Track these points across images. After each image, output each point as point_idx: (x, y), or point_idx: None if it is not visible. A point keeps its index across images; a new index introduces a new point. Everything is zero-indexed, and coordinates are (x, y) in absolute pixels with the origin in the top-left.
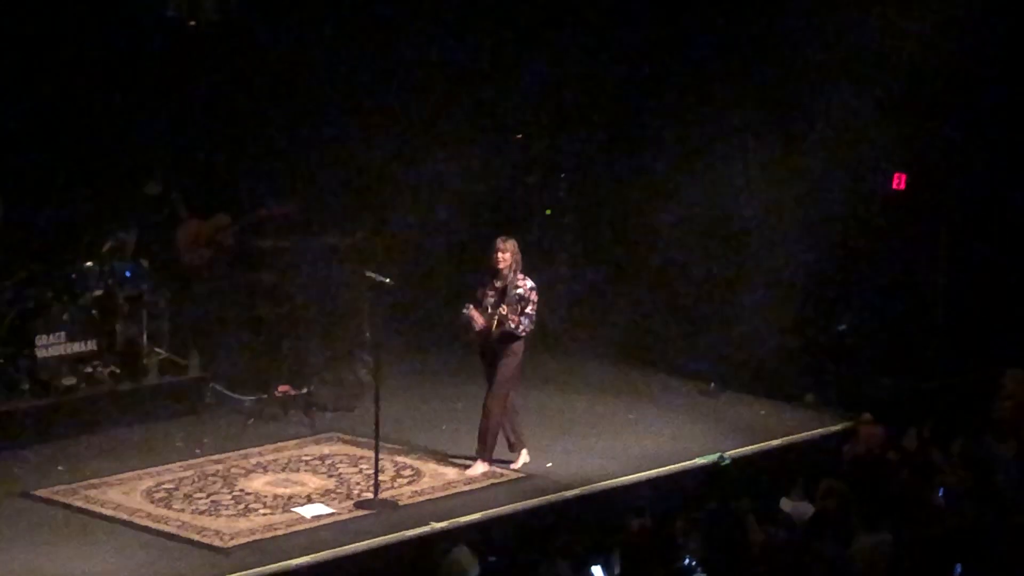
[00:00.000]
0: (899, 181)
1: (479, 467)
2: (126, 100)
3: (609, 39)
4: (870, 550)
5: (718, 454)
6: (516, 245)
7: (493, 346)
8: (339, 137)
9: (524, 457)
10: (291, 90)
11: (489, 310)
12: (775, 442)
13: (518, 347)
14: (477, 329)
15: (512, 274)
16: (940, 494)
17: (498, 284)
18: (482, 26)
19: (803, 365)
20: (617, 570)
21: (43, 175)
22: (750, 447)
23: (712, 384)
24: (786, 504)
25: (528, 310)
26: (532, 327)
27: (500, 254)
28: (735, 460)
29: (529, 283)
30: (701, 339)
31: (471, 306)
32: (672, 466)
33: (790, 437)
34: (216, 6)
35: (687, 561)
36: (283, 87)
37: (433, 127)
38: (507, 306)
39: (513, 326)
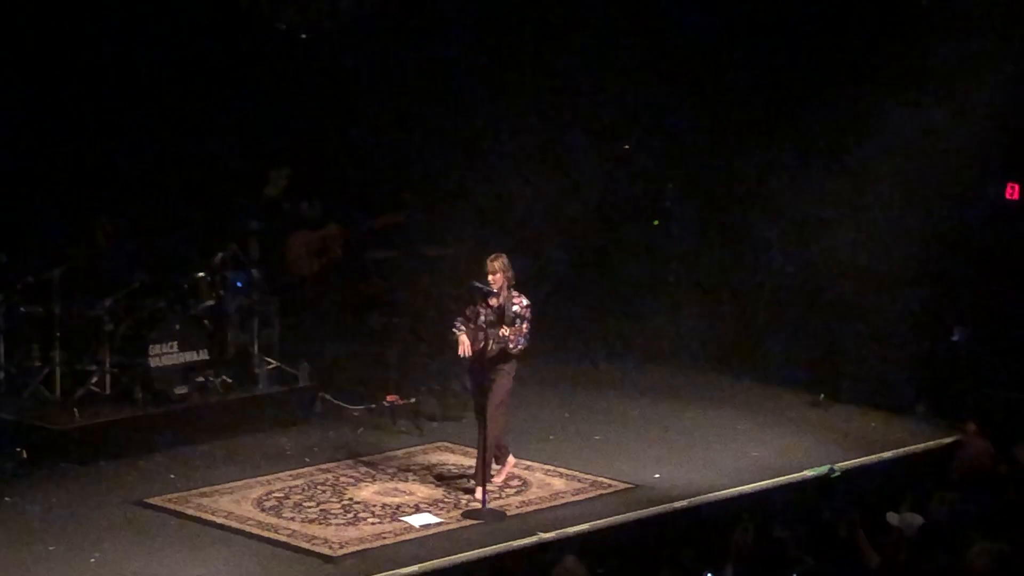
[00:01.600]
0: (1012, 191)
1: (503, 472)
2: (239, 113)
3: (713, 50)
4: (983, 563)
5: (828, 466)
6: (505, 261)
7: (485, 364)
8: (446, 148)
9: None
10: (398, 102)
11: (484, 328)
12: (886, 454)
13: (511, 366)
14: (465, 353)
15: (507, 291)
16: None
17: (493, 302)
18: (587, 37)
19: (915, 376)
20: None
21: (157, 187)
22: (860, 459)
23: (822, 395)
24: (893, 518)
25: (524, 328)
26: (526, 344)
27: (491, 275)
28: (845, 472)
29: (524, 301)
30: (811, 350)
31: (460, 327)
32: (781, 478)
33: (901, 449)
34: (327, 19)
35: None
36: (391, 99)
37: (539, 137)
38: (507, 326)
39: (512, 345)
